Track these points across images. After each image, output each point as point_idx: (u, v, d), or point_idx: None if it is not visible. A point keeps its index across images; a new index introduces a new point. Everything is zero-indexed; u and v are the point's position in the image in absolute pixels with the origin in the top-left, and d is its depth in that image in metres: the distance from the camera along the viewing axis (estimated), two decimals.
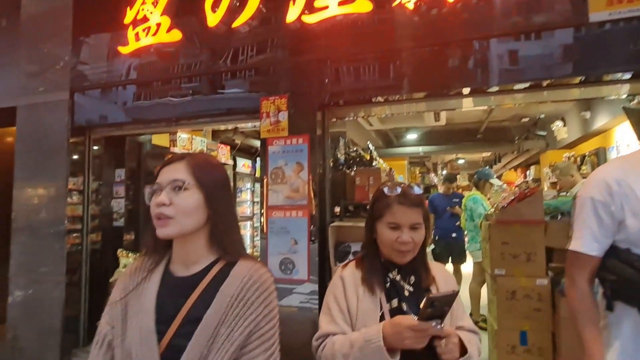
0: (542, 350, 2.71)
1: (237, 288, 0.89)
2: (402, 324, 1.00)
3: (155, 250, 1.00)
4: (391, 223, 1.18)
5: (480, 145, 8.30)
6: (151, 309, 0.90)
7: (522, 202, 2.83)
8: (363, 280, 1.19)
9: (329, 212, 3.02)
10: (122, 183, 4.03)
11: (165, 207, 0.91)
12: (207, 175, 0.96)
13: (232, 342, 0.85)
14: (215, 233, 0.95)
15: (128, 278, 0.99)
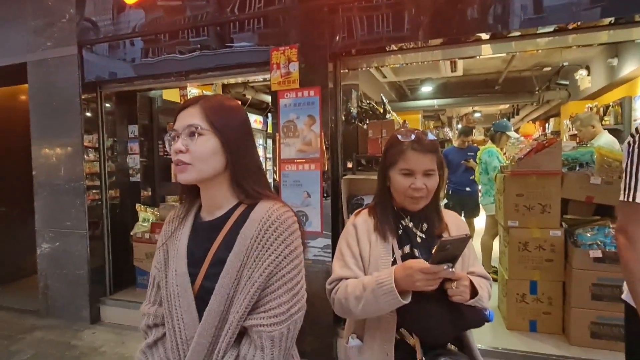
0: (552, 299, 2.77)
1: (256, 230, 0.89)
2: (413, 267, 1.00)
3: (187, 197, 1.03)
4: (404, 169, 1.16)
5: (498, 97, 7.99)
6: (184, 253, 0.94)
7: (539, 153, 2.76)
8: (375, 227, 1.20)
9: (342, 165, 3.00)
10: (136, 139, 4.06)
11: (183, 154, 0.90)
12: (222, 118, 0.93)
13: (252, 283, 0.86)
14: (236, 178, 0.93)
15: (167, 225, 1.03)
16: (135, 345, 3.19)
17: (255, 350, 0.86)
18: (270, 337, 0.85)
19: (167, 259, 0.98)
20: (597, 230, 2.63)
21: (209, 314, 0.87)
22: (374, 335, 1.15)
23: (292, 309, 0.88)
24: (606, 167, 2.75)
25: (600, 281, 2.51)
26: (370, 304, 1.06)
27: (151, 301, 1.03)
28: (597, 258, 2.52)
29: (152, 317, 1.02)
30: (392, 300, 1.02)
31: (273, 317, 0.86)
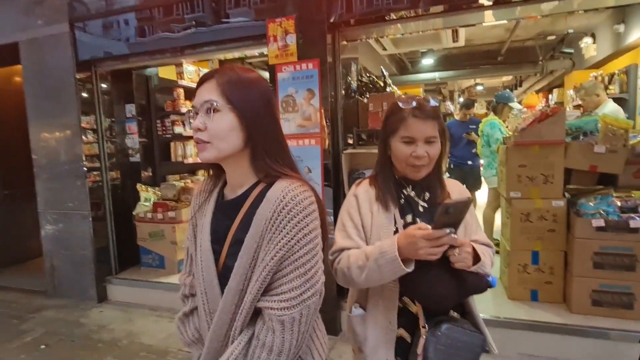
0: (553, 269, 2.78)
1: (270, 211, 0.85)
2: (416, 235, 0.99)
3: (214, 171, 1.01)
4: (405, 137, 1.13)
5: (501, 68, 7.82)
6: (207, 229, 0.94)
7: (543, 122, 2.72)
8: (377, 197, 1.18)
9: (342, 139, 2.97)
10: (134, 119, 4.01)
11: (201, 132, 0.87)
12: (239, 93, 0.87)
13: (264, 265, 0.84)
14: (256, 155, 0.89)
15: (195, 199, 1.03)
16: (142, 322, 3.25)
17: (267, 331, 0.85)
18: (280, 321, 0.83)
19: (196, 233, 0.99)
20: (600, 200, 2.61)
21: (229, 291, 0.88)
22: (377, 304, 1.15)
23: (305, 294, 0.85)
24: (610, 136, 2.70)
25: (603, 249, 2.52)
26: (373, 273, 1.05)
27: (187, 272, 1.05)
28: (600, 227, 2.51)
29: (187, 287, 1.04)
30: (395, 269, 1.01)
31: (283, 302, 0.83)
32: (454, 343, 1.06)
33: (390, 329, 1.13)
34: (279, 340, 0.84)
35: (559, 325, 2.52)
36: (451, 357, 1.06)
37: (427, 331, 1.08)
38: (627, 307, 2.51)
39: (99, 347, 2.88)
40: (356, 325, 1.20)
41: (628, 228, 2.46)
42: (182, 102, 4.15)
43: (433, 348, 1.05)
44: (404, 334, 1.14)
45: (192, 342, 1.03)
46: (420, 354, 1.07)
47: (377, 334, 1.14)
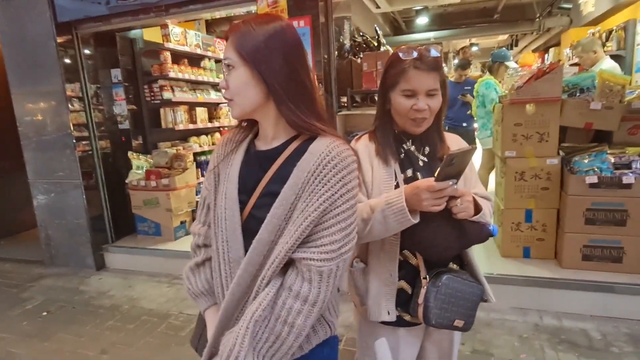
0: (546, 226, 2.82)
1: (314, 164, 0.84)
2: (420, 186, 0.98)
3: (247, 123, 1.01)
4: (406, 90, 1.09)
5: (497, 26, 7.62)
6: (235, 178, 0.93)
7: (540, 80, 2.67)
8: (377, 152, 1.15)
9: (336, 101, 2.91)
10: (120, 85, 3.88)
11: (225, 90, 0.89)
12: (251, 45, 0.84)
13: (305, 217, 0.83)
14: (282, 107, 0.87)
15: (220, 148, 1.01)
16: (142, 288, 3.30)
17: (302, 282, 0.85)
18: (319, 272, 0.84)
19: (218, 183, 0.97)
20: (594, 157, 2.62)
21: (259, 242, 0.87)
22: (378, 258, 1.16)
23: (343, 248, 0.86)
24: (607, 92, 2.67)
25: (595, 206, 2.55)
26: (378, 225, 1.04)
27: (201, 221, 1.04)
28: (593, 184, 2.53)
29: (202, 237, 1.03)
30: (402, 220, 1.00)
31: (324, 253, 0.84)
32: (453, 293, 1.08)
33: (391, 281, 1.14)
34: (316, 291, 0.85)
35: (550, 279, 2.59)
36: (451, 306, 1.08)
37: (428, 282, 1.09)
38: (616, 261, 2.58)
39: (100, 312, 2.93)
40: (358, 279, 1.21)
41: (620, 184, 2.48)
42: (170, 66, 4.00)
43: (433, 297, 1.07)
44: (404, 286, 1.15)
45: (201, 293, 1.02)
46: (421, 304, 1.09)
47: (379, 287, 1.15)
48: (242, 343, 0.81)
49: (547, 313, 2.56)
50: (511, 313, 2.59)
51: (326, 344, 0.98)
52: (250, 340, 0.82)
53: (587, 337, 2.30)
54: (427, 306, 1.07)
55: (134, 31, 3.95)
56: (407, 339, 1.21)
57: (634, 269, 2.54)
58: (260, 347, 0.84)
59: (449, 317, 1.09)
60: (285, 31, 0.87)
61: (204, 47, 4.49)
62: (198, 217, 1.06)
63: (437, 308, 1.06)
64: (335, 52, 2.93)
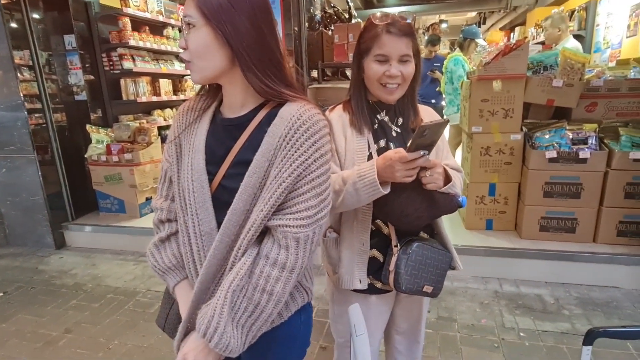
0: (508, 199, 2.95)
1: (285, 128, 0.82)
2: (392, 158, 0.98)
3: (209, 89, 0.95)
4: (379, 55, 1.07)
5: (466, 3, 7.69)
6: (201, 148, 0.89)
7: (507, 56, 2.72)
8: (351, 122, 1.15)
9: (307, 74, 2.85)
10: (75, 52, 3.62)
11: (184, 51, 0.83)
12: (214, 2, 0.78)
13: (280, 183, 0.81)
14: (248, 74, 0.82)
15: (181, 117, 0.95)
16: (106, 266, 3.20)
17: (279, 249, 0.84)
18: (295, 238, 0.83)
19: (181, 154, 0.93)
20: (554, 132, 2.73)
21: (234, 212, 0.84)
22: (350, 227, 1.17)
23: (319, 213, 0.85)
24: (569, 70, 2.77)
25: (553, 179, 2.68)
26: (350, 196, 1.04)
27: (163, 196, 1.00)
28: (552, 158, 2.65)
29: (165, 211, 0.99)
30: (373, 192, 1.01)
31: (300, 220, 0.83)
32: (423, 260, 1.11)
33: (363, 250, 1.16)
34: (293, 258, 0.84)
35: (510, 249, 2.73)
36: (420, 272, 1.12)
37: (399, 250, 1.12)
38: (570, 231, 2.74)
39: (63, 292, 2.82)
40: (330, 249, 1.22)
41: (577, 158, 2.61)
42: (130, 33, 3.76)
43: (404, 264, 1.10)
44: (376, 254, 1.18)
45: (168, 269, 0.98)
46: (392, 270, 1.12)
47: (351, 256, 1.17)
48: (220, 314, 0.80)
49: (507, 281, 2.71)
50: (473, 282, 2.72)
51: (303, 310, 0.98)
52: (229, 311, 0.81)
53: (542, 302, 2.46)
54: (398, 272, 1.10)
55: None
56: (378, 306, 1.24)
57: (585, 239, 2.72)
58: (239, 316, 0.83)
59: (419, 283, 1.12)
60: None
61: (166, 15, 4.25)
62: (159, 192, 1.02)
63: (407, 274, 1.09)
64: (306, 24, 2.85)
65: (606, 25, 4.92)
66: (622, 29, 4.53)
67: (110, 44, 3.81)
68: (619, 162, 2.56)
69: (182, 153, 0.92)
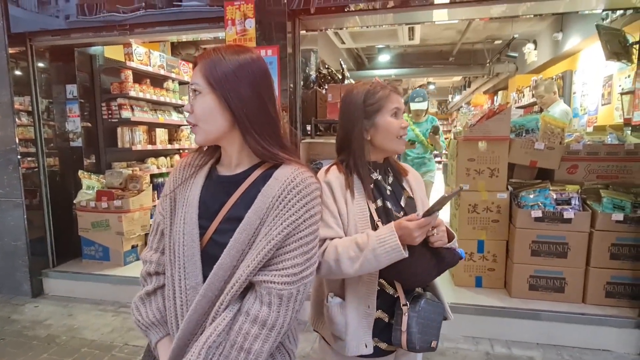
0: (496, 256, 2.96)
1: (279, 189, 0.86)
2: (409, 226, 1.03)
3: (208, 147, 1.00)
4: (394, 109, 1.18)
5: (451, 68, 8.20)
6: (195, 203, 0.91)
7: (490, 119, 2.87)
8: (348, 184, 1.18)
9: (300, 129, 2.95)
10: (75, 101, 3.73)
11: (190, 114, 0.89)
12: (220, 73, 0.86)
13: (268, 240, 0.84)
14: (247, 136, 0.88)
15: (178, 172, 0.99)
16: (84, 317, 3.05)
17: (261, 305, 0.84)
18: (279, 295, 0.84)
19: (175, 207, 0.95)
20: (538, 192, 2.82)
21: (220, 267, 0.85)
22: (356, 291, 1.16)
23: (304, 272, 0.87)
24: (549, 134, 2.92)
25: (539, 238, 2.72)
26: (369, 263, 1.05)
27: (153, 248, 1.00)
28: (538, 217, 2.71)
29: (154, 264, 0.99)
30: (395, 256, 1.04)
31: (285, 277, 0.84)
32: (429, 315, 1.14)
33: (368, 313, 1.15)
34: (275, 315, 0.84)
35: (500, 308, 2.69)
36: (427, 328, 1.13)
37: (409, 308, 1.13)
38: (559, 291, 2.73)
39: (34, 344, 2.66)
40: (335, 315, 1.17)
41: (562, 218, 2.67)
42: (131, 85, 3.91)
43: (415, 323, 1.11)
44: (381, 315, 1.18)
45: (152, 324, 0.97)
46: (404, 331, 1.12)
47: (358, 320, 1.15)
48: None
49: (498, 341, 2.64)
50: (464, 342, 2.64)
51: None
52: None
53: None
54: (411, 332, 1.11)
55: (94, 47, 3.85)
56: None
57: (574, 299, 2.71)
58: None
59: (428, 339, 1.13)
60: (254, 62, 0.90)
61: (168, 69, 4.44)
62: (150, 244, 1.02)
63: (419, 332, 1.10)
64: (301, 82, 3.01)
65: (582, 94, 5.26)
66: (598, 97, 4.85)
67: (111, 94, 3.93)
68: (602, 223, 2.63)
69: (176, 207, 0.94)
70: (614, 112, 4.35)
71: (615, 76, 4.39)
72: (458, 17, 3.16)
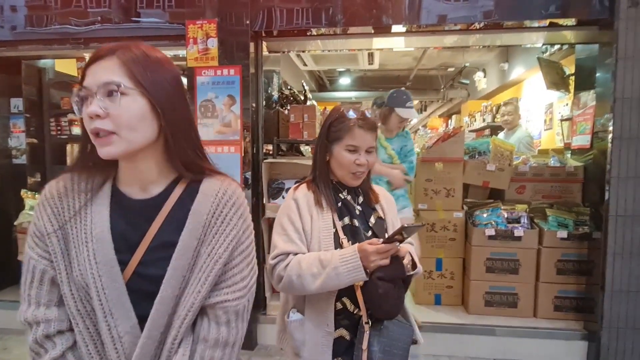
0: (454, 274, 3.05)
1: (213, 205, 0.81)
2: (368, 249, 1.06)
3: (90, 167, 0.81)
4: (350, 146, 1.18)
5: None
6: (107, 237, 0.77)
7: (446, 141, 3.01)
8: (316, 201, 1.21)
9: (262, 148, 2.94)
10: (20, 116, 3.49)
11: (101, 119, 0.72)
12: (150, 73, 0.75)
13: (216, 260, 0.80)
14: (174, 147, 0.79)
15: (57, 202, 0.79)
16: (21, 350, 2.78)
17: (218, 327, 0.81)
18: (235, 311, 0.82)
19: (67, 247, 0.78)
20: (491, 211, 2.96)
21: (162, 302, 0.76)
22: (314, 308, 1.17)
23: (251, 281, 0.86)
24: (499, 156, 3.10)
25: (493, 255, 2.84)
26: (330, 280, 1.08)
27: (43, 303, 0.79)
28: (491, 235, 2.83)
29: (54, 322, 0.79)
30: (356, 277, 1.07)
31: (238, 292, 0.82)
32: (393, 335, 1.14)
33: (327, 331, 1.15)
34: (234, 332, 0.83)
35: (459, 325, 2.76)
36: (391, 348, 1.13)
37: (370, 326, 1.14)
38: (512, 306, 2.85)
39: None
40: (295, 331, 1.18)
41: (513, 236, 2.81)
42: None
43: (377, 342, 1.11)
44: (343, 334, 1.17)
45: None
46: (365, 349, 1.12)
47: (316, 337, 1.15)
48: None
49: (457, 358, 2.69)
50: None
51: None
52: None
53: None
54: (372, 351, 1.11)
55: (44, 60, 3.66)
56: None
57: (526, 313, 2.83)
58: None
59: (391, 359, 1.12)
60: (173, 65, 0.82)
61: None
62: (34, 300, 0.80)
63: (380, 352, 1.10)
64: (263, 102, 3.01)
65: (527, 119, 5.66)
66: (541, 123, 5.23)
67: (60, 110, 3.73)
68: (549, 240, 2.79)
69: (71, 246, 0.78)
70: (555, 136, 4.71)
71: (556, 104, 4.77)
72: (414, 45, 3.34)
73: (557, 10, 2.52)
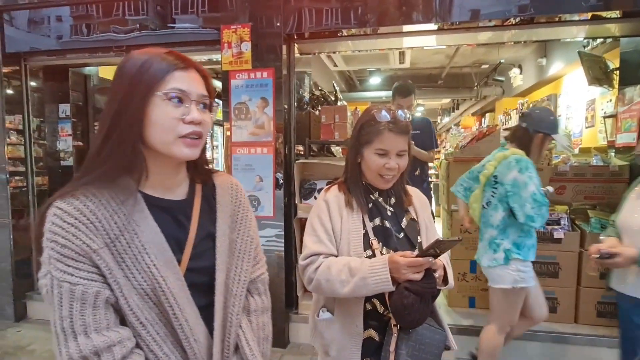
0: None
1: (232, 197, 0.94)
2: (399, 262, 1.04)
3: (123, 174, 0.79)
4: (380, 150, 1.17)
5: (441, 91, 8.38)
6: (162, 239, 0.79)
7: (480, 141, 2.94)
8: (347, 202, 1.21)
9: (294, 149, 2.98)
10: (68, 120, 3.72)
11: (198, 125, 0.80)
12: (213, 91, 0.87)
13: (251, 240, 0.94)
14: (203, 152, 0.89)
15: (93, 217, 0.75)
16: None
17: (260, 297, 0.96)
18: (266, 281, 0.99)
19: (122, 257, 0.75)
20: None
21: (219, 288, 0.87)
22: (344, 308, 1.18)
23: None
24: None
25: None
26: (358, 289, 1.09)
27: (106, 326, 0.73)
28: None
29: (126, 343, 0.75)
30: (383, 288, 1.08)
31: (264, 265, 1.00)
32: (422, 339, 1.12)
33: (356, 331, 1.15)
34: (269, 298, 0.99)
35: None
36: (420, 352, 1.11)
37: (399, 329, 1.12)
38: (551, 311, 2.73)
39: None
40: (324, 330, 1.20)
41: (552, 238, 2.71)
42: None
43: (405, 345, 1.10)
44: (372, 334, 1.17)
45: None
46: (392, 352, 1.11)
47: (345, 337, 1.16)
48: None
49: None
50: None
51: None
52: None
53: None
54: (399, 353, 1.10)
55: (88, 67, 3.87)
56: None
57: (567, 319, 2.72)
58: None
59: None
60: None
61: None
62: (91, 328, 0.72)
63: (408, 355, 1.09)
64: (295, 104, 3.05)
65: (567, 116, 5.42)
66: (581, 120, 5.00)
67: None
68: (592, 243, 2.66)
69: (126, 256, 0.76)
70: (598, 134, 4.49)
71: (598, 100, 4.54)
72: (446, 42, 3.27)
73: (599, 2, 2.41)
